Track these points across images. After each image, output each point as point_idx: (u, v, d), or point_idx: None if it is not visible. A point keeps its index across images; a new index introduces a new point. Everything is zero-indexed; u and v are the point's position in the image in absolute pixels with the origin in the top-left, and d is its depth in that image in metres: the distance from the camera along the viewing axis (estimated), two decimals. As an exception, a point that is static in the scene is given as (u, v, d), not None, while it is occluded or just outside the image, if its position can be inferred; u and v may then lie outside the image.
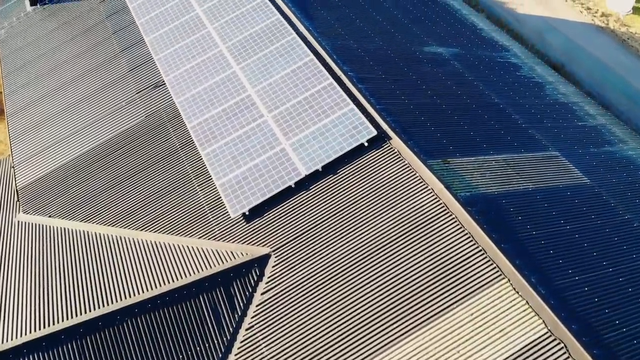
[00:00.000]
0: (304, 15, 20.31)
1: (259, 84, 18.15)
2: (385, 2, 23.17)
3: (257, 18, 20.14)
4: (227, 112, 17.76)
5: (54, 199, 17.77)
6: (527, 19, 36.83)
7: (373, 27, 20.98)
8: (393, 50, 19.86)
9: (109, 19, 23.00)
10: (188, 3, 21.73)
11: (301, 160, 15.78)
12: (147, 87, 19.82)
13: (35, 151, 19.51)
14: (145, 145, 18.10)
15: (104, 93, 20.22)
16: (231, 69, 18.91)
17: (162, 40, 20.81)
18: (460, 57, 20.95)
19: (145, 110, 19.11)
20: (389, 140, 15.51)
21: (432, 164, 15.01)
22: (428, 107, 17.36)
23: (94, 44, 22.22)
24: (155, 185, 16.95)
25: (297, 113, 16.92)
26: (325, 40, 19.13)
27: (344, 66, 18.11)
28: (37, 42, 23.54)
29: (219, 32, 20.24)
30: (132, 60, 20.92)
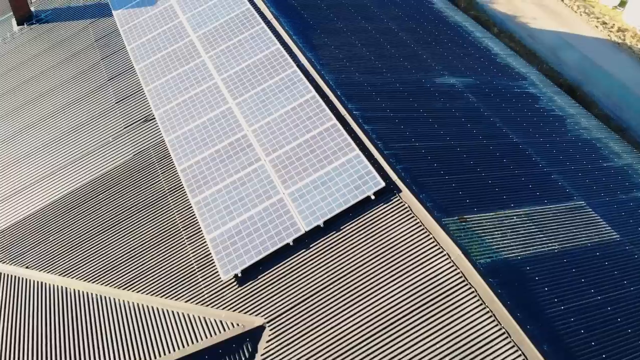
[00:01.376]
0: (306, 44, 18.62)
1: (256, 122, 16.47)
2: (393, 26, 21.45)
3: (256, 47, 18.46)
4: (221, 154, 16.09)
5: (30, 247, 16.15)
6: (541, 34, 35.06)
7: (380, 56, 19.28)
8: (402, 83, 18.15)
9: (98, 42, 21.36)
10: (182, 28, 20.06)
11: (301, 214, 14.10)
12: (135, 121, 18.17)
13: (13, 191, 17.87)
14: (132, 188, 16.46)
15: (90, 126, 18.58)
16: (227, 105, 17.24)
17: (153, 69, 19.14)
18: (475, 89, 19.23)
19: (133, 148, 17.46)
20: (399, 193, 13.82)
21: (447, 223, 13.31)
22: (441, 152, 15.66)
23: (81, 71, 20.59)
24: (140, 236, 15.31)
25: (297, 158, 15.24)
26: (329, 74, 17.44)
27: (348, 104, 16.42)
28: (21, 68, 21.93)
29: (214, 61, 18.56)
30: (120, 90, 19.27)
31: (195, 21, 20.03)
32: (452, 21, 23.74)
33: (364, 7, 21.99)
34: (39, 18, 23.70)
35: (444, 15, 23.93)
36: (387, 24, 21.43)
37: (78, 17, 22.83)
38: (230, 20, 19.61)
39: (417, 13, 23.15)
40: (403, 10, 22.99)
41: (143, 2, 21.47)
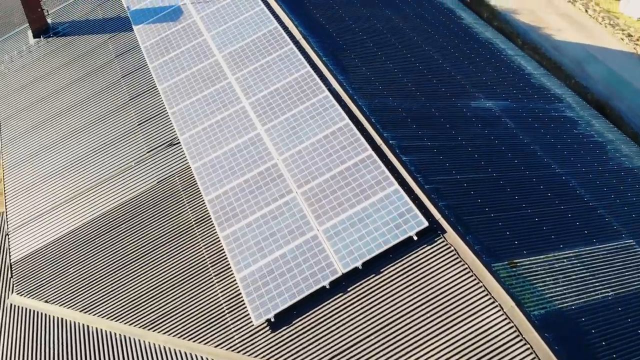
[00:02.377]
0: (337, 67, 17.71)
1: (287, 151, 15.58)
2: (424, 46, 20.52)
3: (285, 69, 17.55)
4: (250, 185, 15.21)
5: (50, 279, 15.34)
6: (566, 46, 34.01)
7: (413, 78, 18.35)
8: (437, 108, 17.23)
9: (118, 58, 20.50)
10: (207, 47, 19.18)
11: (337, 254, 13.20)
12: (159, 145, 17.31)
13: (32, 216, 17.06)
14: (156, 218, 15.61)
15: (111, 149, 17.74)
16: (255, 131, 16.36)
17: (178, 90, 18.27)
18: (512, 113, 18.29)
19: (157, 174, 16.61)
20: (443, 233, 12.91)
21: (497, 269, 12.40)
22: (484, 185, 14.74)
23: (100, 89, 19.74)
24: (166, 271, 14.46)
25: (332, 191, 14.34)
26: (362, 99, 16.53)
27: (384, 132, 15.51)
28: (38, 83, 21.10)
29: (241, 84, 17.68)
30: (143, 110, 18.42)
31: (220, 40, 19.15)
32: (482, 38, 22.79)
33: (394, 27, 21.07)
34: (56, 31, 22.88)
35: (474, 32, 22.99)
36: (418, 43, 20.50)
37: (97, 31, 22.00)
38: (258, 39, 18.72)
39: (448, 30, 22.23)
40: (434, 27, 22.06)
41: (165, 18, 20.61)
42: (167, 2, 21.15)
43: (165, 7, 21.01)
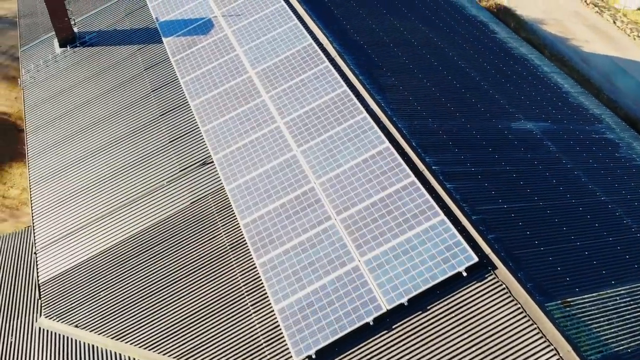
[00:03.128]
0: (374, 86, 17.08)
1: (325, 174, 14.97)
2: (460, 62, 19.84)
3: (320, 88, 16.94)
4: (287, 209, 14.62)
5: (81, 302, 14.82)
6: (594, 58, 33.22)
7: (452, 97, 17.69)
8: (478, 129, 16.57)
9: (147, 71, 19.96)
10: (239, 62, 18.59)
11: (381, 288, 12.58)
12: (191, 164, 16.74)
13: (61, 234, 16.56)
14: (190, 241, 15.05)
15: (142, 166, 17.19)
16: (291, 152, 15.76)
17: (210, 107, 17.70)
18: (553, 135, 17.59)
19: (189, 194, 16.05)
20: (494, 269, 12.26)
21: (551, 309, 11.74)
22: (531, 215, 14.07)
23: (130, 102, 19.21)
24: (200, 299, 13.90)
25: (373, 219, 13.72)
26: (401, 121, 15.89)
27: (426, 157, 14.87)
28: (66, 94, 20.59)
29: (275, 102, 17.09)
30: (174, 127, 17.87)
31: (253, 55, 18.55)
32: (517, 54, 22.08)
33: (428, 40, 20.41)
34: (83, 40, 22.38)
35: (508, 47, 22.28)
36: (453, 58, 19.82)
37: (125, 42, 21.47)
38: (292, 56, 18.11)
39: (483, 45, 21.53)
40: (468, 42, 21.38)
41: (195, 31, 20.05)
42: (196, 14, 20.59)
43: (196, 19, 20.45)
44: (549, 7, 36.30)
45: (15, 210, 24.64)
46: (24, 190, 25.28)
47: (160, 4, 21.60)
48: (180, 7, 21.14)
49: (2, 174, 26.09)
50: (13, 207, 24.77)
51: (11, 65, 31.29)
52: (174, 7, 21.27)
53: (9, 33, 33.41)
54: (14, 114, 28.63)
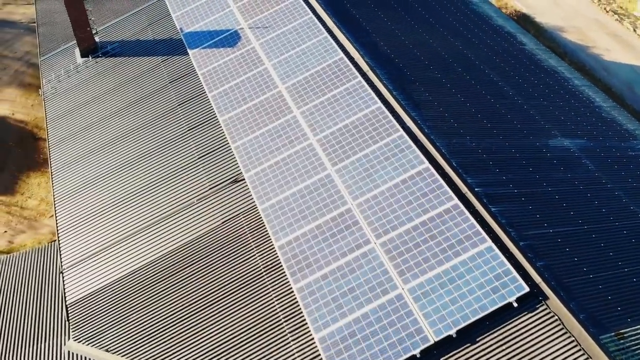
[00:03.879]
0: (408, 102, 16.55)
1: (361, 195, 14.45)
2: (492, 76, 19.31)
3: (354, 105, 16.42)
4: (323, 231, 14.11)
5: (110, 325, 14.32)
6: (615, 67, 32.66)
7: (487, 114, 17.17)
8: (516, 147, 16.05)
9: (173, 84, 19.45)
10: (268, 77, 18.09)
11: (427, 318, 12.06)
12: (222, 181, 16.24)
13: (88, 253, 16.06)
14: (222, 263, 14.56)
15: (170, 183, 16.69)
16: (325, 171, 15.25)
17: (240, 123, 17.19)
18: (590, 153, 17.06)
19: (221, 213, 15.55)
20: (545, 300, 11.73)
21: (605, 341, 11.20)
22: (577, 240, 13.55)
23: (156, 116, 18.70)
24: (236, 323, 13.40)
25: (415, 244, 13.20)
26: (439, 139, 15.37)
27: (468, 178, 14.34)
28: (89, 106, 20.09)
29: (307, 118, 16.57)
30: (203, 142, 17.36)
31: (283, 69, 18.04)
32: (547, 66, 21.54)
33: (458, 53, 19.88)
34: (105, 50, 21.88)
35: (538, 59, 21.74)
36: (485, 72, 19.29)
37: (149, 53, 20.96)
38: (322, 70, 17.60)
39: (513, 58, 21.00)
40: (497, 54, 20.85)
41: (222, 43, 19.54)
42: (222, 26, 20.08)
43: (221, 30, 19.94)
44: (569, 14, 35.75)
45: (33, 222, 24.18)
46: (42, 201, 24.82)
47: (184, 15, 21.10)
48: (205, 17, 20.64)
49: (19, 184, 25.63)
50: (32, 218, 24.30)
51: (27, 72, 30.83)
52: (199, 17, 20.76)
53: (25, 38, 32.96)
54: (31, 122, 28.17)
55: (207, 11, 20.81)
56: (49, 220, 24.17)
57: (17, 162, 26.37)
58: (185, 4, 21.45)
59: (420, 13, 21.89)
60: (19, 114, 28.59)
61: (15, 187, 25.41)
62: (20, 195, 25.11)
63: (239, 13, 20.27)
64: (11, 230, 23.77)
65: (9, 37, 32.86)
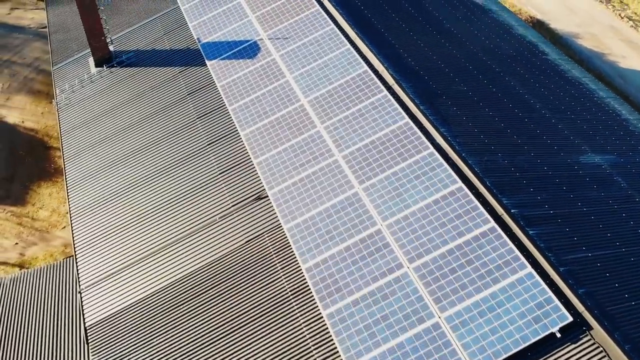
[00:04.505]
0: (437, 117, 16.01)
1: (392, 216, 13.91)
2: (517, 88, 18.77)
3: (380, 120, 15.88)
4: (353, 253, 13.56)
5: (131, 349, 13.77)
6: (632, 75, 32.12)
7: (516, 128, 16.63)
8: (549, 165, 15.50)
9: (191, 96, 18.90)
10: (290, 89, 17.54)
11: (466, 349, 11.51)
12: (245, 198, 15.69)
13: (106, 273, 15.52)
14: (247, 284, 14.03)
15: (191, 200, 16.15)
16: (352, 189, 14.70)
17: (262, 137, 16.65)
18: (621, 169, 16.52)
19: (244, 232, 15.00)
20: (589, 330, 11.19)
21: (656, 377, 10.65)
22: (616, 265, 13.01)
23: (174, 129, 18.16)
24: (261, 348, 12.85)
25: (451, 269, 12.65)
26: (471, 157, 14.82)
27: (503, 198, 13.78)
28: (104, 118, 19.55)
29: (331, 134, 16.04)
30: (223, 157, 16.82)
31: (305, 82, 17.48)
32: (571, 77, 20.99)
33: (481, 63, 19.33)
34: (120, 60, 21.32)
35: (562, 70, 21.19)
36: (511, 84, 18.74)
37: (165, 63, 20.42)
38: (346, 84, 17.04)
39: (537, 69, 20.45)
40: (521, 64, 20.30)
41: (241, 54, 18.98)
42: (241, 36, 19.53)
43: (240, 41, 19.38)
44: (584, 21, 35.19)
45: (45, 233, 23.67)
46: (54, 212, 24.30)
47: (201, 24, 20.54)
48: (223, 27, 20.08)
49: (30, 194, 25.11)
50: (43, 229, 23.79)
51: (36, 79, 30.29)
52: (216, 27, 20.21)
53: (34, 44, 32.42)
54: (41, 130, 27.65)
55: (224, 21, 20.26)
56: (61, 231, 23.65)
57: (28, 172, 25.85)
58: (202, 13, 20.90)
59: (441, 22, 21.35)
60: (29, 121, 28.07)
61: (26, 198, 24.89)
62: (32, 205, 24.59)
63: (258, 23, 19.72)
64: (22, 242, 23.26)
65: (18, 43, 32.31)
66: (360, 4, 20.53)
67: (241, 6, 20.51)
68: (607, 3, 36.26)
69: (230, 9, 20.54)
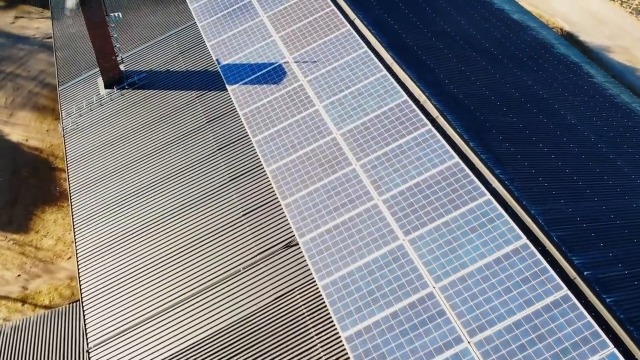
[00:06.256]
0: (489, 156, 14.05)
1: (445, 276, 11.96)
2: (569, 116, 16.77)
3: (426, 159, 13.89)
4: (401, 322, 11.63)
5: None
6: (668, 93, 29.98)
7: (575, 168, 14.64)
8: (614, 211, 13.55)
9: (210, 124, 16.93)
10: (321, 121, 15.58)
11: None
12: (272, 246, 13.72)
13: (118, 330, 13.57)
14: (277, 350, 12.03)
15: (212, 247, 14.19)
16: (397, 241, 12.75)
17: (290, 174, 14.67)
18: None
19: (272, 287, 13.06)
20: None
21: None
22: None
23: (192, 162, 16.20)
24: None
25: (519, 346, 10.68)
26: (533, 205, 12.84)
27: (573, 257, 11.79)
28: (114, 147, 17.58)
29: (369, 173, 14.06)
30: (247, 197, 14.86)
31: (337, 112, 15.51)
32: (621, 103, 19.00)
33: (532, 94, 17.32)
34: (131, 81, 19.35)
35: (610, 95, 19.20)
36: (561, 114, 16.74)
37: (181, 87, 18.43)
38: (384, 115, 15.07)
39: (585, 94, 18.50)
40: (571, 92, 18.29)
41: (265, 78, 16.99)
42: (264, 58, 17.53)
43: (264, 64, 17.39)
44: (614, 33, 33.12)
45: (50, 264, 21.73)
46: (58, 240, 22.37)
47: (220, 44, 18.55)
48: (245, 48, 18.09)
49: (34, 219, 23.17)
50: (47, 260, 21.85)
51: (42, 93, 28.34)
52: (237, 48, 18.22)
53: (38, 55, 30.45)
54: (46, 149, 25.70)
55: (246, 40, 18.27)
56: (67, 262, 21.72)
57: (32, 195, 23.92)
58: (221, 31, 18.91)
59: (480, 41, 19.34)
60: (33, 140, 26.13)
61: (30, 224, 22.95)
62: (35, 233, 22.66)
63: (283, 44, 17.72)
64: (25, 274, 21.33)
65: (23, 54, 30.35)
66: (393, 22, 18.54)
67: (264, 24, 18.52)
68: (637, 15, 34.20)
69: (252, 27, 18.55)
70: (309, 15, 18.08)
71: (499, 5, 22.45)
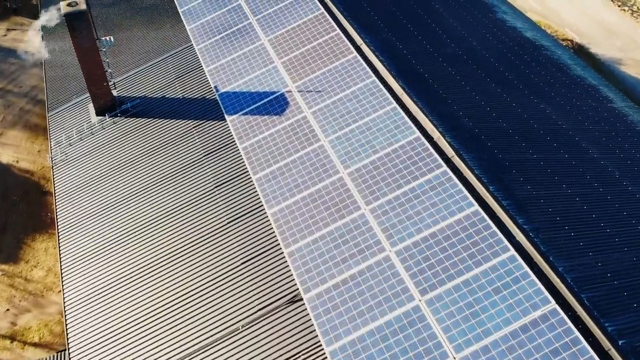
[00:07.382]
0: (510, 202, 12.83)
1: (467, 345, 10.81)
2: (590, 149, 15.56)
3: (442, 205, 12.70)
4: (418, 395, 10.34)
5: None
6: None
7: (602, 213, 13.41)
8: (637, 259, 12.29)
9: (208, 158, 15.70)
10: (326, 157, 14.35)
11: None
12: (274, 300, 12.50)
13: (107, 392, 12.34)
14: None
15: (210, 300, 12.96)
16: (412, 301, 11.56)
17: (294, 218, 13.46)
18: None
19: (275, 349, 11.81)
20: None
21: None
22: None
23: (188, 200, 14.98)
24: None
25: None
26: (560, 260, 11.60)
27: (606, 323, 10.57)
28: (106, 182, 16.34)
29: (380, 220, 12.85)
30: (247, 242, 13.67)
31: (343, 149, 14.28)
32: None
33: (551, 125, 16.08)
34: (124, 108, 18.10)
35: (631, 122, 17.96)
36: (583, 148, 15.51)
37: (176, 115, 17.20)
38: (394, 153, 13.83)
39: (605, 122, 17.32)
40: (590, 119, 17.07)
41: (266, 108, 15.75)
42: (265, 86, 16.29)
43: (265, 93, 16.15)
44: (626, 45, 31.86)
45: (40, 298, 20.53)
46: (49, 272, 21.17)
47: (219, 69, 17.29)
48: (245, 74, 16.84)
49: (24, 248, 21.96)
50: (37, 293, 20.65)
51: (33, 111, 27.10)
52: (237, 74, 16.96)
53: (31, 70, 29.19)
54: (37, 172, 24.46)
55: (246, 66, 17.00)
56: (57, 296, 20.50)
57: (22, 221, 22.69)
58: (219, 56, 17.65)
59: (494, 65, 18.08)
60: (23, 161, 24.89)
61: (19, 254, 21.74)
62: (25, 263, 21.45)
63: (285, 71, 16.46)
64: (14, 309, 20.14)
65: (14, 69, 29.10)
66: (401, 46, 17.29)
67: (265, 49, 17.26)
68: (649, 25, 32.93)
69: (253, 52, 17.28)
70: (313, 39, 16.83)
71: (511, 23, 21.20)
